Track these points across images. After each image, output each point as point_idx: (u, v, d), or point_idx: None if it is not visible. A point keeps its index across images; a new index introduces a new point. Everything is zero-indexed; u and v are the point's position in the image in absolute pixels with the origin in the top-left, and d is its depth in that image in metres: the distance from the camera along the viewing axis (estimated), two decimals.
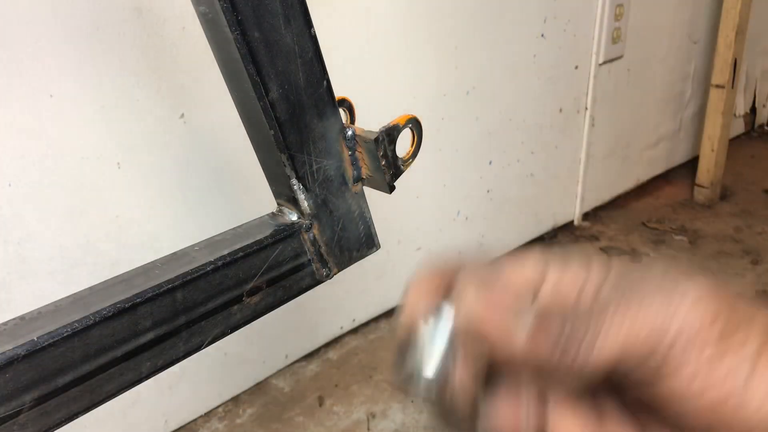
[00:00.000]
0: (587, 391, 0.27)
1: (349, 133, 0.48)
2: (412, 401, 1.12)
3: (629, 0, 1.50)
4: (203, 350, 0.43)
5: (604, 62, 1.53)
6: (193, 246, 0.44)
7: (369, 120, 0.58)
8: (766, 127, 2.22)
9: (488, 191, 1.42)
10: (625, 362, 0.25)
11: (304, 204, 0.46)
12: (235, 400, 1.14)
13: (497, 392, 0.28)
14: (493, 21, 1.27)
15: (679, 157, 1.93)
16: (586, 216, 1.70)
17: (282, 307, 0.47)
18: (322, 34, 0.45)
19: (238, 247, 0.43)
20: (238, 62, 0.41)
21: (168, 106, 0.89)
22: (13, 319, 0.37)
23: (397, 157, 0.49)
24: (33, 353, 0.34)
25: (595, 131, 1.59)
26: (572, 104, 1.51)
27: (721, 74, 1.65)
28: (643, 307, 0.25)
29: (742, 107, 2.11)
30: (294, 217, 0.47)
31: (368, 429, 1.07)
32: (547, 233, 1.62)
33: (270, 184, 0.48)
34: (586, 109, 1.55)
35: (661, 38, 1.68)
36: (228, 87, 0.45)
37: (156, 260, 0.42)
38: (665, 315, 0.24)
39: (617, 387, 0.26)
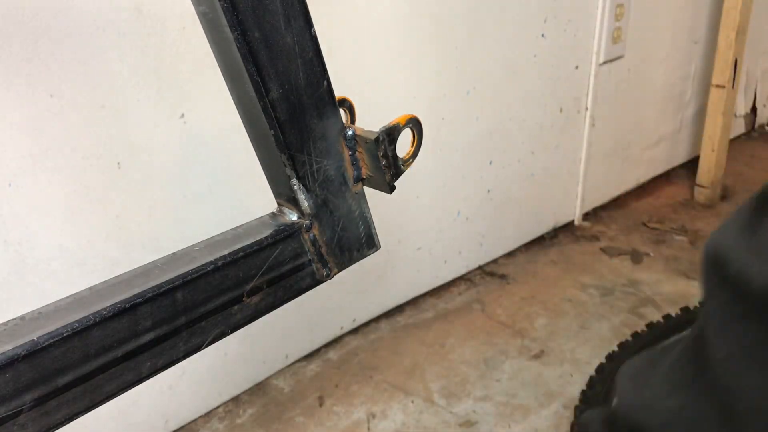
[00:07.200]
0: None
1: (350, 133, 0.48)
2: (413, 401, 1.12)
3: (630, 0, 1.50)
4: (203, 350, 0.43)
5: (605, 62, 1.53)
6: (193, 246, 0.44)
7: (369, 120, 0.58)
8: (766, 127, 2.22)
9: (488, 191, 1.42)
10: None
11: (305, 204, 0.46)
12: (236, 400, 1.14)
13: None
14: (493, 21, 1.27)
15: (680, 157, 1.93)
16: (586, 216, 1.70)
17: (282, 307, 0.47)
18: (323, 34, 0.45)
19: (238, 247, 0.43)
20: (238, 62, 0.41)
21: (168, 106, 0.89)
22: (13, 319, 0.37)
23: (397, 157, 0.49)
24: (33, 353, 0.34)
25: (595, 131, 1.59)
26: (572, 104, 1.51)
27: (721, 74, 1.65)
28: None
29: (742, 107, 2.11)
30: (294, 217, 0.47)
31: (368, 429, 1.07)
32: (548, 233, 1.62)
33: (270, 184, 0.48)
34: (587, 109, 1.55)
35: (661, 38, 1.68)
36: (228, 87, 0.45)
37: (156, 260, 0.42)
38: None
39: None
